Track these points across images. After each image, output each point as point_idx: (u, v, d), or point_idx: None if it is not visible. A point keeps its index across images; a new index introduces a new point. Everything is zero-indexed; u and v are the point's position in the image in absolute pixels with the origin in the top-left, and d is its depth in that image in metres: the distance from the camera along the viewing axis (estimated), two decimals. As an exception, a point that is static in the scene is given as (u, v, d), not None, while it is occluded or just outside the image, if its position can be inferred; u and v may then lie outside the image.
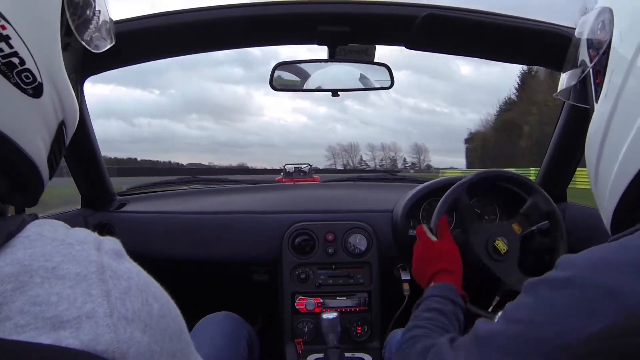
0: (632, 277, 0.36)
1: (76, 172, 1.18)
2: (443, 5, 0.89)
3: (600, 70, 0.52)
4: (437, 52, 1.02)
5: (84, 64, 0.45)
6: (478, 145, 49.85)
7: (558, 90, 0.67)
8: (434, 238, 0.93)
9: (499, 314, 0.49)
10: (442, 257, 0.88)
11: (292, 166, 18.97)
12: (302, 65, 1.04)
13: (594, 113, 0.52)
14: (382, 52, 1.03)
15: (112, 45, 0.46)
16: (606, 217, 0.51)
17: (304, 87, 1.05)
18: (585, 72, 0.55)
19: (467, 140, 58.76)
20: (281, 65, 1.01)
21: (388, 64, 1.01)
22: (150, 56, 1.03)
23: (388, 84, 1.04)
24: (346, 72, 1.06)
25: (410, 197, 1.18)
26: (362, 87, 1.06)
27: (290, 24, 0.92)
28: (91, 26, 0.42)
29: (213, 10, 0.90)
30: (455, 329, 0.73)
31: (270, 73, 1.00)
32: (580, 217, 1.01)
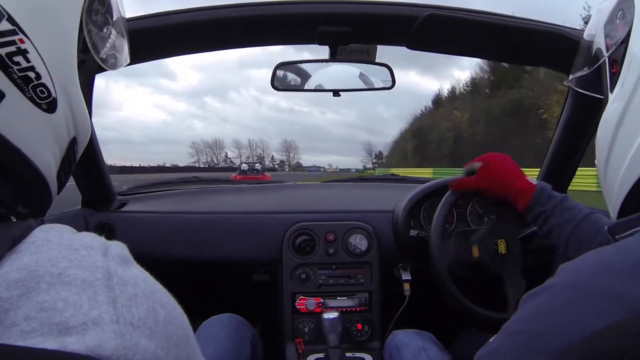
0: (633, 278, 0.36)
1: (77, 172, 1.18)
2: (444, 6, 0.89)
3: (617, 60, 0.51)
4: (438, 52, 1.02)
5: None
6: (447, 137, 38.63)
7: (569, 78, 0.66)
8: None
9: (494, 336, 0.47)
10: None
11: (247, 165, 22.80)
12: (303, 65, 1.04)
13: (608, 104, 0.51)
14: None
15: (127, 64, 0.46)
16: (613, 210, 0.51)
17: (305, 87, 1.05)
18: (601, 61, 0.54)
19: (412, 134, 46.92)
20: (282, 66, 1.01)
21: (389, 65, 1.01)
22: (151, 56, 1.03)
23: (389, 83, 1.04)
24: (347, 72, 1.06)
25: (411, 197, 1.18)
26: (363, 86, 1.06)
27: (290, 24, 0.92)
28: (108, 44, 0.42)
29: (213, 10, 0.90)
30: None
31: (271, 73, 1.00)
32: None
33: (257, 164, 23.63)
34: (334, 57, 0.96)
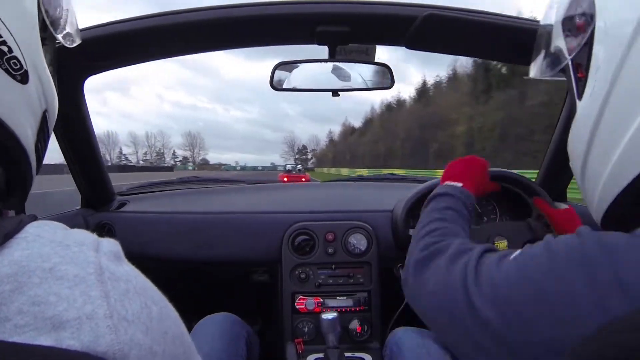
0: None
1: (76, 172, 1.18)
2: (443, 6, 0.89)
3: (581, 64, 0.46)
4: (438, 52, 1.02)
5: (85, 64, 0.47)
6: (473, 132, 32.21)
7: (530, 74, 0.60)
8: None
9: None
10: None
11: (290, 165, 25.99)
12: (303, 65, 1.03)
13: (578, 111, 0.47)
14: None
15: (80, 42, 0.51)
16: (596, 216, 0.49)
17: (304, 87, 1.05)
18: (564, 64, 0.49)
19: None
20: (281, 65, 1.01)
21: (389, 64, 1.01)
22: (150, 56, 1.02)
23: (389, 83, 1.04)
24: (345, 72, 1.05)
25: (411, 197, 1.18)
26: (362, 86, 1.06)
27: (289, 24, 0.92)
28: (62, 22, 0.46)
29: (213, 10, 0.89)
30: (467, 233, 0.73)
31: (270, 73, 1.00)
32: (581, 217, 1.01)
33: (299, 165, 26.22)
34: (333, 57, 0.96)
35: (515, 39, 0.92)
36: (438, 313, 0.56)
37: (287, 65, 1.02)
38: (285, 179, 18.86)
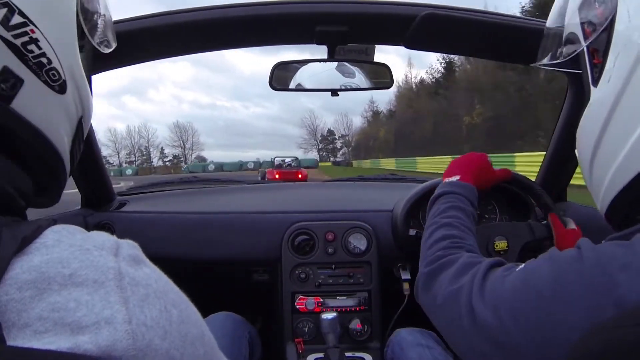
0: (634, 277, 0.36)
1: (76, 171, 1.18)
2: (442, 5, 0.89)
3: (597, 49, 0.46)
4: (437, 51, 1.02)
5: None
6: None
7: (538, 61, 0.59)
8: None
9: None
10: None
11: (279, 159, 21.82)
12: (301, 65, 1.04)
13: (592, 98, 0.47)
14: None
15: (116, 45, 0.51)
16: (601, 207, 0.49)
17: (303, 87, 1.05)
18: (579, 50, 0.49)
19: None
20: (281, 65, 1.01)
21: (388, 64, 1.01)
22: (150, 56, 1.03)
23: (388, 83, 1.04)
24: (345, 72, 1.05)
25: (410, 196, 1.18)
26: (361, 86, 1.06)
27: (289, 23, 0.92)
28: (99, 29, 0.47)
29: (212, 10, 0.90)
30: (473, 233, 0.71)
31: (269, 73, 1.00)
32: (581, 217, 1.01)
33: (290, 159, 22.43)
34: (332, 57, 0.96)
35: (514, 38, 0.92)
36: (447, 325, 0.56)
37: (287, 65, 1.02)
38: (277, 176, 14.60)
